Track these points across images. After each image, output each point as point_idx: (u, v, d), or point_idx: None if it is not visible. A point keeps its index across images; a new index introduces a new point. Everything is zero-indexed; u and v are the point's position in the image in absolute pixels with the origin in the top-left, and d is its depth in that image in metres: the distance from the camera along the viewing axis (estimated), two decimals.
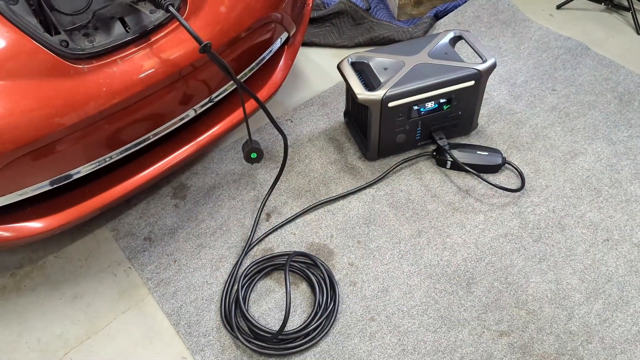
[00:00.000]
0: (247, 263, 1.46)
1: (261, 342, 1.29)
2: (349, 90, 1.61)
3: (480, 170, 1.61)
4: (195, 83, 1.36)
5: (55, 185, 1.26)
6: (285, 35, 1.58)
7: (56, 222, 1.30)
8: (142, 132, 1.34)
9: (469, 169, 1.59)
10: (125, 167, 1.40)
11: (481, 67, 1.56)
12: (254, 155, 1.46)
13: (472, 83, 1.57)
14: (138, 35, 1.23)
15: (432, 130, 1.65)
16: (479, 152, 1.62)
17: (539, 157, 1.66)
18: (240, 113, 1.52)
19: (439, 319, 1.33)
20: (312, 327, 1.30)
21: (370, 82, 1.57)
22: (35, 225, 1.28)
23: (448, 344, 1.29)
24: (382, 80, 1.55)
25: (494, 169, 1.62)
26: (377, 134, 1.59)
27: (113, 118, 1.22)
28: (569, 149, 1.68)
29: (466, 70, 1.56)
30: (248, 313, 1.33)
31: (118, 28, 1.22)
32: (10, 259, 1.51)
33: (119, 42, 1.20)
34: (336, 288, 1.38)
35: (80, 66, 1.15)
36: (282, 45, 1.62)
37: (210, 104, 1.46)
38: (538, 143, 1.70)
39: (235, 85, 1.35)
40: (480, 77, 1.57)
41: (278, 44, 1.58)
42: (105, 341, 1.34)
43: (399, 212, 1.55)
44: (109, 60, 1.19)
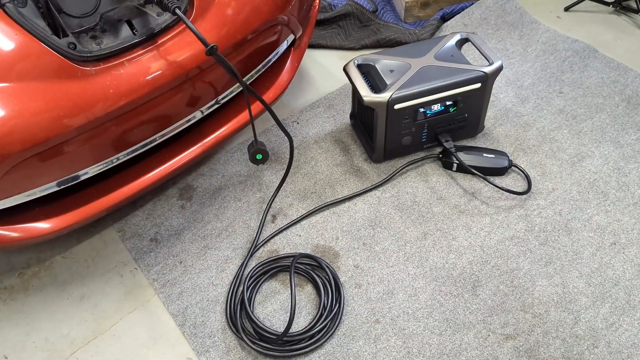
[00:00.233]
0: (253, 264, 1.46)
1: (266, 344, 1.29)
2: (355, 92, 1.61)
3: (487, 172, 1.60)
4: (201, 85, 1.37)
5: (63, 186, 1.27)
6: (291, 37, 1.59)
7: (63, 223, 1.31)
8: (149, 134, 1.35)
9: (475, 171, 1.58)
10: (132, 169, 1.41)
11: (488, 70, 1.56)
12: (259, 156, 1.46)
13: (479, 85, 1.57)
14: (145, 37, 1.23)
15: (439, 132, 1.65)
16: (485, 155, 1.62)
17: (546, 160, 1.66)
18: (246, 115, 1.53)
19: (444, 322, 1.33)
20: (317, 329, 1.30)
21: (376, 84, 1.58)
22: (43, 225, 1.29)
23: (453, 347, 1.29)
24: (389, 82, 1.55)
25: (500, 172, 1.62)
26: (383, 136, 1.59)
27: (120, 120, 1.23)
28: (576, 151, 1.67)
29: (473, 73, 1.55)
30: (253, 314, 1.33)
31: (125, 30, 1.23)
32: (18, 259, 1.52)
33: (126, 45, 1.21)
34: (341, 290, 1.38)
35: (88, 68, 1.16)
36: (289, 47, 1.63)
37: (216, 106, 1.47)
38: (545, 146, 1.70)
39: (242, 87, 1.35)
40: (487, 80, 1.57)
41: (284, 46, 1.58)
42: (112, 341, 1.35)
43: (405, 215, 1.55)
44: (116, 62, 1.20)
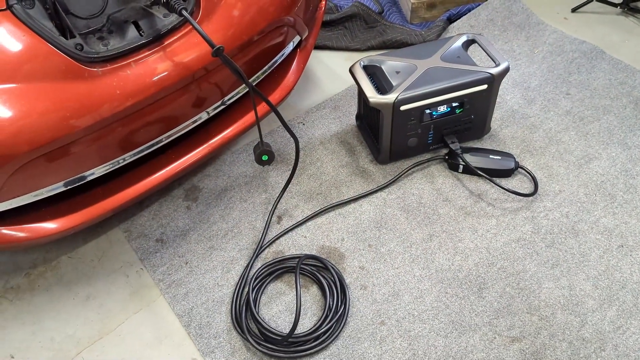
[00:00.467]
0: (258, 265, 1.46)
1: (271, 345, 1.29)
2: (361, 93, 1.60)
3: (493, 174, 1.60)
4: (207, 86, 1.37)
5: (70, 187, 1.28)
6: (297, 38, 1.59)
7: (70, 223, 1.32)
8: (155, 135, 1.35)
9: (481, 173, 1.58)
10: (138, 169, 1.41)
11: (494, 71, 1.55)
12: (265, 157, 1.46)
13: (485, 87, 1.57)
14: (152, 38, 1.24)
15: (445, 134, 1.65)
16: (491, 156, 1.61)
17: (553, 162, 1.65)
18: (252, 116, 1.53)
19: (450, 324, 1.32)
20: (323, 331, 1.30)
21: (382, 86, 1.57)
22: (50, 225, 1.30)
23: (459, 349, 1.28)
24: (394, 83, 1.54)
25: (506, 174, 1.61)
26: (389, 137, 1.59)
27: (127, 120, 1.24)
28: (583, 153, 1.66)
29: (479, 74, 1.55)
30: (258, 315, 1.33)
31: (132, 32, 1.24)
32: (24, 258, 1.53)
33: (133, 46, 1.21)
34: (347, 291, 1.38)
35: (95, 69, 1.17)
36: (295, 49, 1.63)
37: (222, 107, 1.47)
38: (552, 147, 1.69)
39: (248, 89, 1.36)
40: (493, 81, 1.56)
41: (290, 47, 1.59)
42: (117, 341, 1.35)
43: (411, 216, 1.54)
44: (123, 63, 1.20)
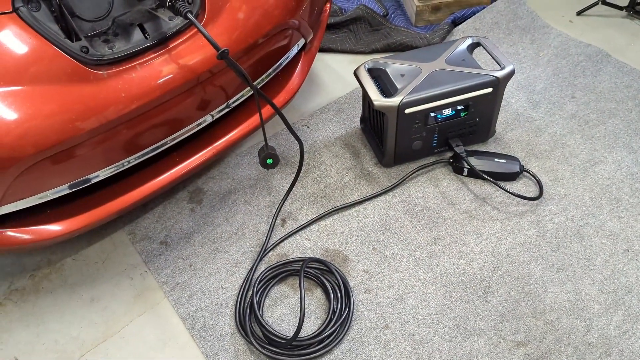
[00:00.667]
0: (262, 268, 1.46)
1: (275, 348, 1.29)
2: (366, 96, 1.60)
3: (498, 178, 1.59)
4: (212, 89, 1.37)
5: (74, 189, 1.28)
6: (302, 41, 1.59)
7: (75, 225, 1.32)
8: (160, 137, 1.35)
9: (486, 176, 1.57)
10: (142, 172, 1.41)
11: (499, 74, 1.55)
12: (270, 161, 1.46)
13: (490, 90, 1.56)
14: (157, 41, 1.24)
15: (449, 137, 1.64)
16: (496, 160, 1.61)
17: (558, 165, 1.64)
18: (256, 119, 1.53)
19: (455, 328, 1.32)
20: (327, 334, 1.30)
21: (387, 89, 1.57)
22: (55, 228, 1.30)
23: (464, 354, 1.28)
24: (399, 86, 1.54)
25: (511, 177, 1.61)
26: (394, 140, 1.59)
27: (131, 123, 1.24)
28: (589, 157, 1.66)
29: (484, 77, 1.55)
30: (262, 318, 1.33)
31: (137, 34, 1.24)
32: (29, 260, 1.53)
33: (138, 49, 1.22)
34: (351, 295, 1.37)
35: (100, 72, 1.17)
36: (299, 51, 1.63)
37: (227, 110, 1.47)
38: (557, 151, 1.68)
39: (252, 91, 1.36)
40: (499, 84, 1.56)
41: (295, 50, 1.59)
42: (121, 344, 1.35)
43: (415, 220, 1.54)
44: (128, 66, 1.21)
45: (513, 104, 1.84)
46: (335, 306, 1.35)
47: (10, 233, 1.26)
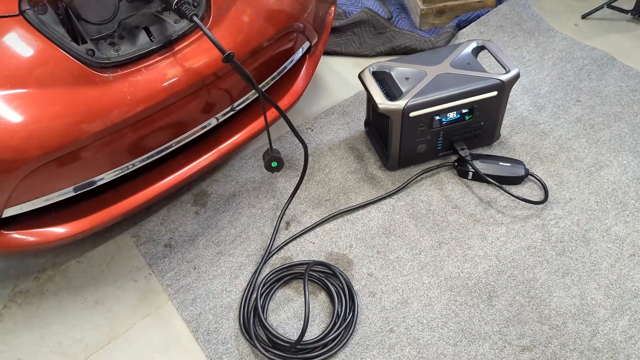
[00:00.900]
0: (266, 271, 1.46)
1: (279, 352, 1.29)
2: (370, 99, 1.60)
3: (503, 181, 1.59)
4: (217, 92, 1.37)
5: (79, 192, 1.28)
6: (307, 44, 1.59)
7: (79, 228, 1.32)
8: (165, 140, 1.36)
9: (491, 180, 1.57)
10: (147, 175, 1.42)
11: (504, 78, 1.55)
12: (274, 164, 1.46)
13: (495, 93, 1.56)
14: (162, 44, 1.24)
15: (454, 140, 1.64)
16: (501, 163, 1.60)
17: (563, 169, 1.64)
18: (261, 121, 1.53)
19: (460, 332, 1.31)
20: (331, 338, 1.30)
21: (391, 92, 1.57)
22: (59, 230, 1.30)
23: (468, 358, 1.27)
24: (404, 90, 1.54)
25: (516, 181, 1.60)
26: (398, 143, 1.59)
27: (137, 126, 1.24)
28: (594, 161, 1.65)
29: (489, 81, 1.54)
30: (266, 322, 1.33)
31: (143, 37, 1.24)
32: (33, 263, 1.54)
33: (144, 51, 1.22)
34: (355, 298, 1.37)
35: (106, 75, 1.17)
36: (304, 55, 1.63)
37: (232, 113, 1.47)
38: (562, 155, 1.68)
39: (257, 94, 1.36)
40: (503, 88, 1.55)
41: (300, 53, 1.59)
42: (125, 347, 1.35)
43: (420, 223, 1.54)
44: (134, 69, 1.21)
45: (518, 107, 1.83)
46: (339, 310, 1.35)
47: (16, 235, 1.26)
